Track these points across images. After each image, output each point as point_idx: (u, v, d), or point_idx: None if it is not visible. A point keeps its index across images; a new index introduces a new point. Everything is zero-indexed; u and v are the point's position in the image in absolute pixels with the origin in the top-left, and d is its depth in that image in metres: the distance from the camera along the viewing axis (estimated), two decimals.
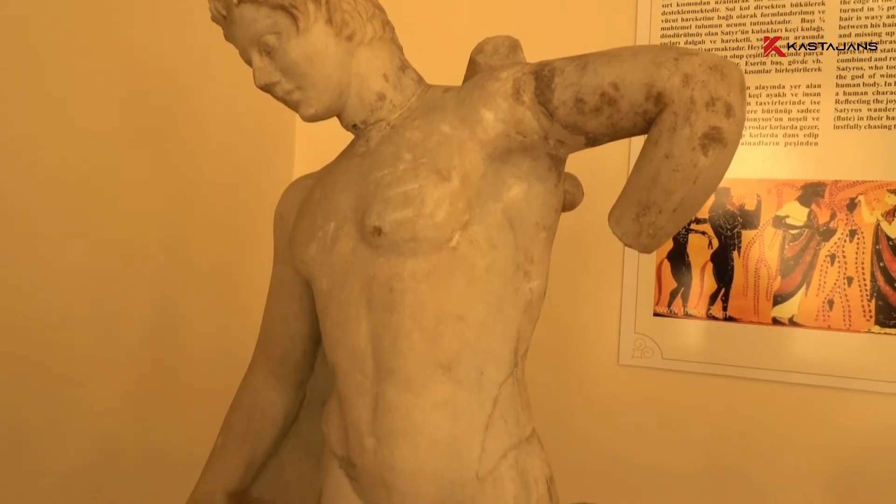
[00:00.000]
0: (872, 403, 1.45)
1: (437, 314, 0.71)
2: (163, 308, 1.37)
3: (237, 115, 1.56)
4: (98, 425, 1.24)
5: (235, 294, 1.54)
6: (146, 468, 1.31)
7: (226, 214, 1.54)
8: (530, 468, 0.74)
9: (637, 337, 1.60)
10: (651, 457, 1.56)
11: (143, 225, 1.32)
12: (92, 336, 1.22)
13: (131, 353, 1.30)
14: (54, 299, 1.16)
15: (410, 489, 0.72)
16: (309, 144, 1.75)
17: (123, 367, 1.29)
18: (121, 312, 1.28)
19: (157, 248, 1.36)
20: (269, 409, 0.91)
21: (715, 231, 1.56)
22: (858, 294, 1.46)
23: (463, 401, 0.72)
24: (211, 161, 1.49)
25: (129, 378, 1.30)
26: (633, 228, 0.67)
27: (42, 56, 1.12)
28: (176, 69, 1.39)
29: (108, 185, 1.24)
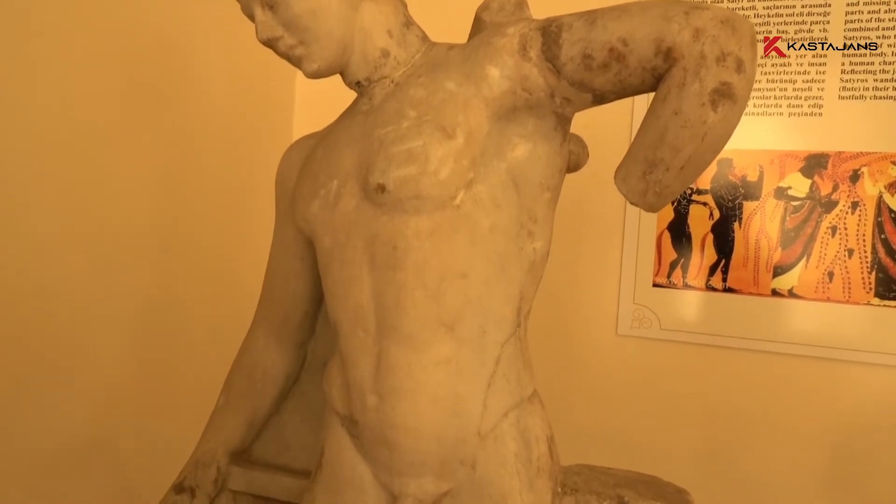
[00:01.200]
0: (871, 375, 1.45)
1: (440, 272, 0.71)
2: (163, 270, 1.37)
3: (236, 77, 1.55)
4: (99, 387, 1.24)
5: (235, 257, 1.53)
6: (147, 429, 1.31)
7: (224, 176, 1.52)
8: (531, 427, 0.75)
9: (636, 308, 1.60)
10: (648, 426, 1.57)
11: (142, 188, 1.31)
12: (92, 297, 1.22)
13: (132, 313, 1.30)
14: (55, 263, 1.15)
15: (412, 446, 0.73)
16: (308, 107, 1.74)
17: (124, 329, 1.29)
18: (122, 274, 1.28)
19: (156, 206, 1.35)
20: (270, 369, 0.91)
21: (716, 202, 1.55)
22: (859, 266, 1.46)
23: (465, 359, 0.72)
24: (209, 123, 1.48)
25: (129, 339, 1.30)
26: (639, 186, 0.66)
27: (37, 18, 1.10)
28: (174, 29, 1.37)
29: (105, 150, 1.23)
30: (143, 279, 1.32)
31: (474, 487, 0.73)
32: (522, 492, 0.72)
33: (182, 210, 1.42)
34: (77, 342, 1.20)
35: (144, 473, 1.10)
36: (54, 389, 1.16)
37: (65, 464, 1.18)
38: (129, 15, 1.26)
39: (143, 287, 1.33)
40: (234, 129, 1.55)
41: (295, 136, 1.15)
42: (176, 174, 1.40)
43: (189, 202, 1.44)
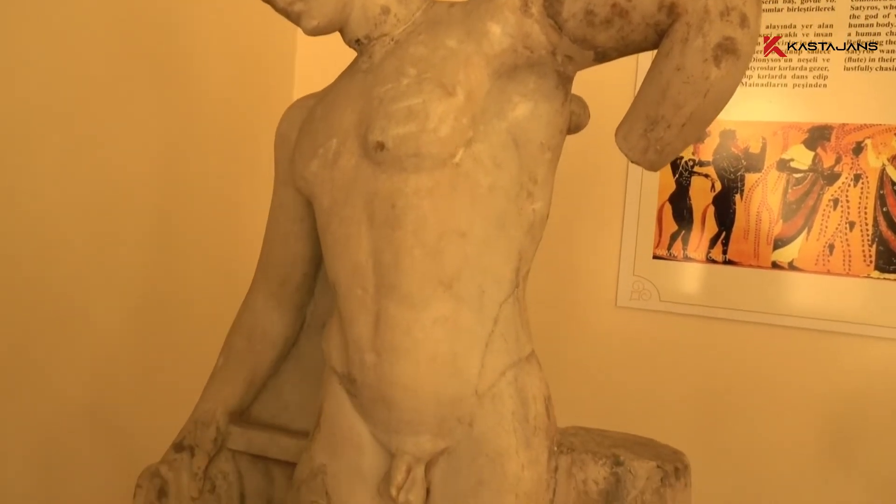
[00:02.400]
0: (869, 348, 1.46)
1: (438, 231, 0.71)
2: (162, 232, 1.37)
3: (235, 37, 1.53)
4: (98, 352, 1.25)
5: (235, 217, 1.52)
6: (146, 395, 1.32)
7: (225, 136, 1.51)
8: (529, 386, 0.75)
9: (636, 279, 1.60)
10: (646, 398, 1.57)
11: (142, 147, 1.31)
12: (91, 262, 1.22)
13: (131, 278, 1.30)
14: (53, 225, 1.15)
15: (410, 404, 0.73)
16: (309, 68, 1.72)
17: (123, 293, 1.29)
18: (120, 237, 1.27)
19: (155, 171, 1.34)
20: (269, 331, 0.91)
21: (718, 174, 1.55)
22: (860, 239, 1.46)
23: (463, 318, 0.72)
24: (209, 86, 1.47)
25: (128, 304, 1.30)
26: (640, 144, 0.66)
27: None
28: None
29: (105, 106, 1.23)
30: (142, 245, 1.33)
31: (471, 445, 0.74)
32: (519, 450, 0.73)
33: (182, 174, 1.41)
34: (76, 309, 1.20)
35: (144, 440, 1.11)
36: (54, 357, 1.17)
37: (65, 430, 1.19)
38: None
39: (142, 253, 1.33)
40: (234, 91, 1.54)
41: (296, 97, 1.15)
42: (175, 137, 1.39)
43: (189, 166, 1.43)
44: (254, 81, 1.60)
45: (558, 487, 0.75)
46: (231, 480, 0.91)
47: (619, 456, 0.74)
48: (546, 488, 0.75)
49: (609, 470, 0.74)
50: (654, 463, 0.74)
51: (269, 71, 1.66)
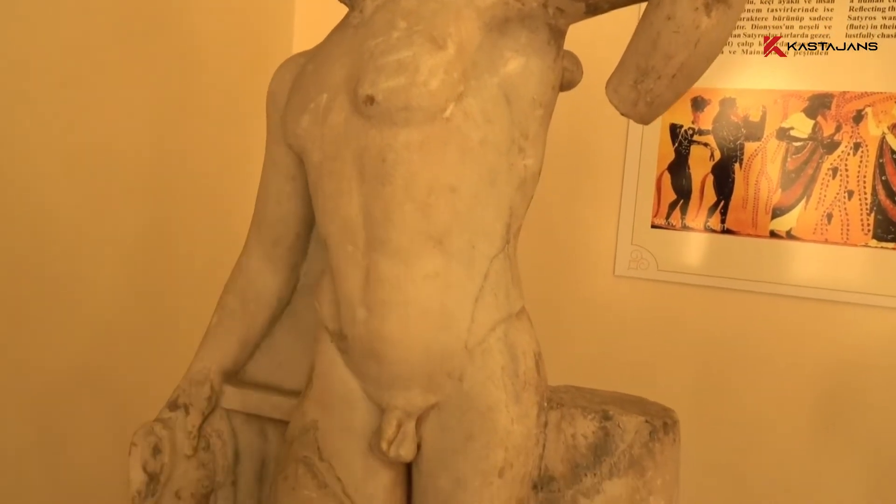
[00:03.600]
0: (866, 317, 1.46)
1: (429, 185, 0.70)
2: (160, 196, 1.37)
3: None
4: (93, 316, 1.25)
5: (233, 182, 1.52)
6: (143, 356, 1.33)
7: (222, 99, 1.50)
8: (519, 342, 0.75)
9: (633, 248, 1.60)
10: (644, 367, 1.58)
11: (136, 111, 1.30)
12: (86, 225, 1.22)
13: (126, 242, 1.30)
14: (47, 191, 1.15)
15: (400, 359, 0.73)
16: (308, 27, 1.70)
17: (118, 257, 1.29)
18: (118, 202, 1.28)
19: (150, 134, 1.34)
20: (262, 291, 0.91)
21: (717, 143, 1.54)
22: (858, 208, 1.45)
23: (453, 273, 0.72)
24: (207, 45, 1.46)
25: (126, 266, 1.31)
26: (630, 96, 0.65)
27: None
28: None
29: (98, 70, 1.22)
30: (139, 206, 1.33)
31: (461, 400, 0.74)
32: (509, 404, 0.73)
33: (179, 135, 1.41)
34: (73, 270, 1.21)
35: (141, 400, 1.12)
36: (51, 318, 1.18)
37: (63, 391, 1.20)
38: None
39: (139, 214, 1.33)
40: (232, 51, 1.53)
41: (295, 52, 1.13)
42: (173, 98, 1.38)
43: (186, 126, 1.43)
44: (251, 42, 1.59)
45: (547, 442, 0.76)
46: (225, 438, 0.91)
47: (608, 410, 0.75)
48: (535, 443, 0.75)
49: (598, 424, 0.74)
50: (642, 418, 0.74)
51: (267, 32, 1.65)
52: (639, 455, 0.73)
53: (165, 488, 0.89)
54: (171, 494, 0.89)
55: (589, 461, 0.74)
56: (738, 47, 1.51)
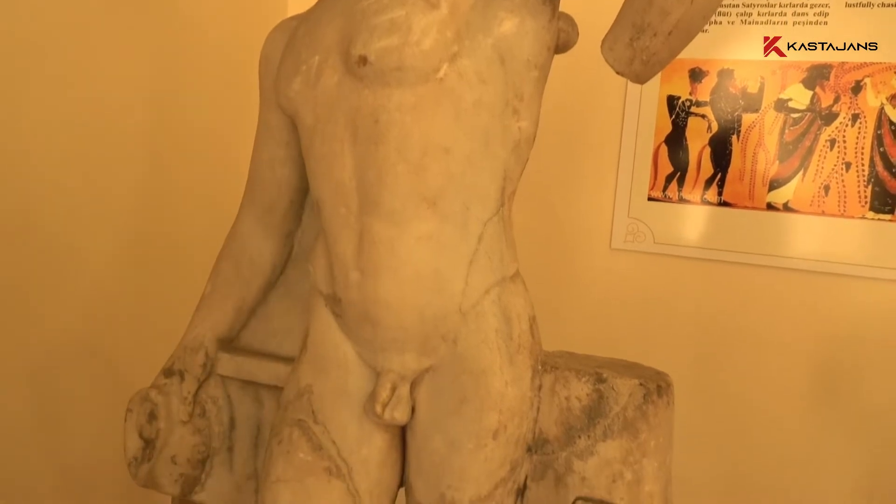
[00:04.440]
0: (863, 289, 1.46)
1: (422, 147, 0.70)
2: (154, 164, 1.35)
3: None
4: (90, 286, 1.25)
5: (227, 149, 1.50)
6: (137, 327, 1.32)
7: (219, 62, 1.48)
8: (513, 305, 0.75)
9: (630, 221, 1.60)
10: (640, 339, 1.58)
11: (132, 78, 1.29)
12: (83, 195, 1.21)
13: (123, 212, 1.30)
14: (44, 161, 1.14)
15: (394, 322, 0.73)
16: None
17: (115, 227, 1.28)
18: (112, 171, 1.27)
19: (146, 102, 1.32)
20: (256, 258, 0.91)
21: (715, 114, 1.53)
22: (855, 180, 1.45)
23: (447, 236, 0.72)
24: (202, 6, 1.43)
25: (122, 237, 1.30)
26: (626, 54, 0.65)
27: None
28: None
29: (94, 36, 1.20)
30: (135, 176, 1.32)
31: (455, 363, 0.74)
32: (503, 367, 0.73)
33: (174, 105, 1.39)
34: (68, 242, 1.20)
35: (136, 371, 1.12)
36: (47, 292, 1.17)
37: (59, 363, 1.20)
38: None
39: (135, 184, 1.32)
40: (227, 15, 1.51)
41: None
42: (168, 67, 1.36)
43: (181, 95, 1.41)
44: (247, 7, 1.57)
45: (542, 405, 0.76)
46: (221, 405, 0.92)
47: (603, 373, 0.75)
48: (530, 406, 0.75)
49: (592, 387, 0.75)
50: (636, 381, 0.74)
51: None
52: (632, 417, 0.73)
53: (161, 454, 0.89)
54: (166, 459, 0.89)
55: (583, 423, 0.74)
56: (737, 17, 1.49)
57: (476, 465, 0.73)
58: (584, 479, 0.73)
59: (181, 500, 0.93)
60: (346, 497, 0.77)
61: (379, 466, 0.78)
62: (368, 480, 0.78)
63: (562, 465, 0.75)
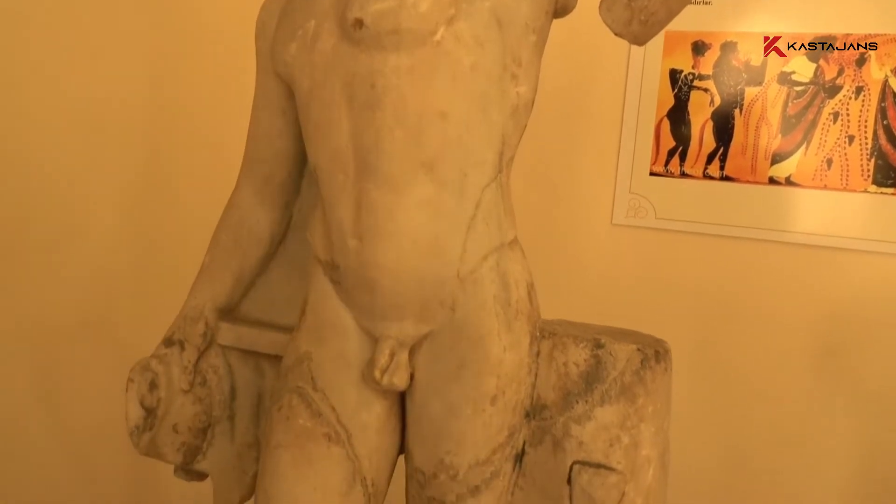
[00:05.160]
0: (865, 263, 1.45)
1: (419, 111, 0.70)
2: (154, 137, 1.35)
3: None
4: (93, 259, 1.25)
5: (227, 119, 1.48)
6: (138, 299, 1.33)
7: (217, 35, 1.47)
8: (511, 271, 0.75)
9: (632, 197, 1.59)
10: (641, 315, 1.56)
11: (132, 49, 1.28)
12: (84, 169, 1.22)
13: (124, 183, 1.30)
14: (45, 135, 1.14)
15: (392, 288, 0.73)
16: None
17: (116, 200, 1.29)
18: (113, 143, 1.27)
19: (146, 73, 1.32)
20: (254, 228, 0.91)
21: (718, 88, 1.51)
22: (858, 153, 1.44)
23: (445, 201, 0.72)
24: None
25: (121, 211, 1.30)
26: (623, 15, 0.64)
27: None
28: None
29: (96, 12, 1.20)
30: (135, 148, 1.32)
31: (453, 329, 0.74)
32: (500, 333, 0.74)
33: (174, 78, 1.39)
34: (70, 214, 1.21)
35: (140, 341, 1.13)
36: (49, 261, 1.18)
37: (63, 337, 1.21)
38: None
39: (135, 156, 1.32)
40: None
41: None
42: (167, 37, 1.36)
43: (181, 69, 1.40)
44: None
45: (539, 371, 0.76)
46: (221, 374, 0.92)
47: (600, 339, 0.75)
48: (528, 372, 0.76)
49: (589, 352, 0.75)
50: (634, 346, 0.75)
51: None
52: (630, 382, 0.74)
53: (163, 422, 0.90)
54: (168, 428, 0.90)
55: (580, 389, 0.74)
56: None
57: (474, 431, 0.74)
58: (581, 444, 0.74)
59: (183, 468, 0.93)
60: (346, 462, 0.77)
61: (378, 432, 0.79)
62: (367, 446, 0.78)
63: (559, 430, 0.75)
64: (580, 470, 0.73)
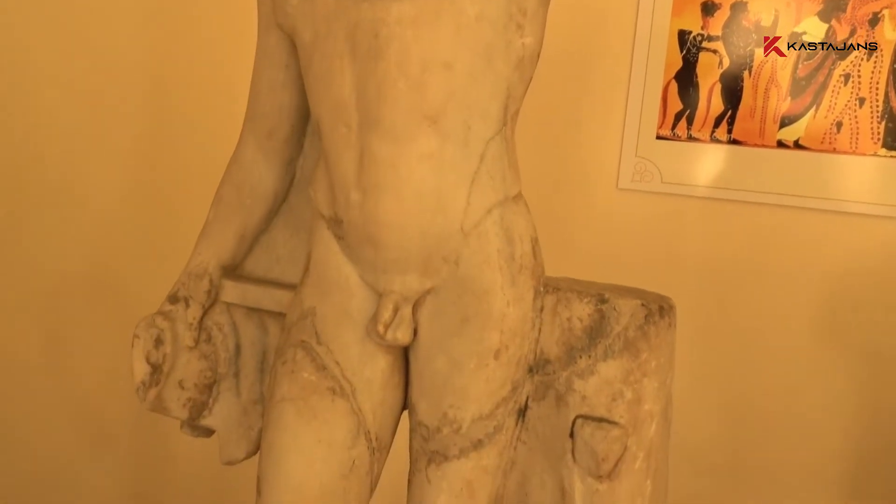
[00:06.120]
0: (874, 227, 1.44)
1: (422, 61, 0.69)
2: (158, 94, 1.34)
3: None
4: (98, 217, 1.25)
5: (228, 73, 1.47)
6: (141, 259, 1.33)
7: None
8: (515, 226, 0.75)
9: (638, 161, 1.58)
10: (646, 280, 1.56)
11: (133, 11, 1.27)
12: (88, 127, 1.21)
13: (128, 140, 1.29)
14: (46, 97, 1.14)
15: (396, 242, 0.73)
16: None
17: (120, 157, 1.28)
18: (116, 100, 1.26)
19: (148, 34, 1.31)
20: (257, 185, 0.90)
21: (727, 49, 1.49)
22: (869, 116, 1.42)
23: (449, 154, 0.71)
24: None
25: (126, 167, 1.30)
26: None
27: None
28: None
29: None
30: (138, 104, 1.31)
31: (457, 284, 0.74)
32: (504, 287, 0.73)
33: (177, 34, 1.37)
34: (75, 172, 1.20)
35: (145, 299, 1.13)
36: (54, 221, 1.18)
37: (67, 297, 1.22)
38: None
39: (139, 113, 1.31)
40: None
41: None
42: None
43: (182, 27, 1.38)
44: None
45: (543, 326, 0.76)
46: (226, 331, 0.92)
47: (604, 294, 0.75)
48: (531, 326, 0.76)
49: (593, 307, 0.75)
50: (638, 301, 0.74)
51: None
52: (634, 337, 0.74)
53: (168, 378, 0.90)
54: (174, 384, 0.91)
55: (584, 343, 0.74)
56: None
57: (478, 385, 0.74)
58: (584, 399, 0.74)
59: (189, 424, 0.94)
60: (350, 416, 0.78)
61: (382, 387, 0.79)
62: (372, 400, 0.79)
63: (562, 384, 0.75)
64: (583, 424, 0.73)
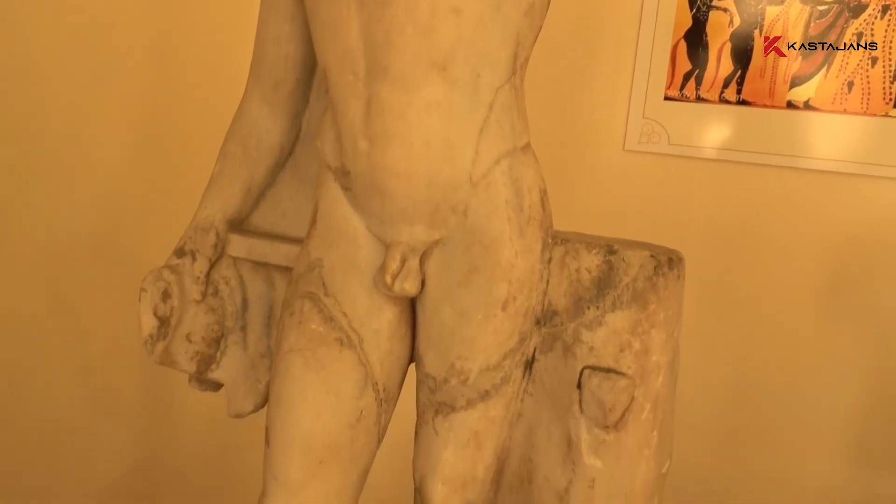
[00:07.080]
0: (885, 189, 1.43)
1: (431, 7, 0.67)
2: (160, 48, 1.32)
3: None
4: (104, 176, 1.25)
5: (233, 26, 1.45)
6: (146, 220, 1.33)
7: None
8: (524, 176, 0.74)
9: (645, 122, 1.56)
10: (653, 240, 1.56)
11: None
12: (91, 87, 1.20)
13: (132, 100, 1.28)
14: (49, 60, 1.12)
15: (404, 192, 0.72)
16: None
17: (124, 118, 1.27)
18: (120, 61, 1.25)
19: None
20: (264, 138, 0.90)
21: (738, 7, 1.46)
22: (881, 76, 1.40)
23: (457, 102, 0.70)
24: None
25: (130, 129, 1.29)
26: None
27: None
28: None
29: None
30: (143, 65, 1.29)
31: (465, 234, 0.74)
32: (513, 238, 0.73)
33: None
34: (78, 134, 1.20)
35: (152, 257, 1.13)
36: (58, 182, 1.18)
37: (71, 255, 1.22)
38: None
39: (143, 73, 1.30)
40: None
41: None
42: None
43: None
44: None
45: (551, 277, 0.76)
46: (233, 285, 0.93)
47: (613, 245, 0.75)
48: (539, 278, 0.75)
49: (602, 258, 0.74)
50: (647, 252, 0.74)
51: None
52: (642, 289, 0.73)
53: (176, 332, 0.91)
54: (181, 337, 0.91)
55: (592, 294, 0.74)
56: None
57: (485, 336, 0.74)
58: (592, 349, 0.74)
59: (197, 378, 0.95)
60: (358, 367, 0.78)
61: (389, 338, 0.79)
62: (379, 351, 0.79)
63: (570, 335, 0.75)
64: (590, 374, 0.73)
